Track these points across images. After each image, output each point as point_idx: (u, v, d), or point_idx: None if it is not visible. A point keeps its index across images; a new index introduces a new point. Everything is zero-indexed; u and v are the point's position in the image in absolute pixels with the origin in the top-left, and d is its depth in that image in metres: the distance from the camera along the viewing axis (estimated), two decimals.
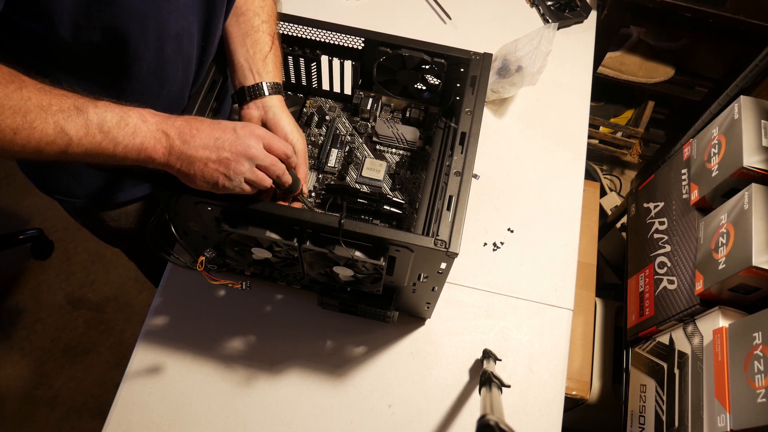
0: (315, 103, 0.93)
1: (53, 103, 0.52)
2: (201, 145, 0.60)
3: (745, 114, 0.91)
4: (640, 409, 0.99)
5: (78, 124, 0.54)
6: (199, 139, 0.60)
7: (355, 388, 0.82)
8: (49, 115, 0.52)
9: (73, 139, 0.53)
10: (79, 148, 0.54)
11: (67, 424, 1.53)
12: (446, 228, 0.64)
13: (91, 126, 0.54)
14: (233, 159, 0.61)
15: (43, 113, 0.52)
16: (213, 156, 0.61)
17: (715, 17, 1.21)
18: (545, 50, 1.04)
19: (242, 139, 0.62)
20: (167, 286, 0.87)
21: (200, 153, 0.60)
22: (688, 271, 0.94)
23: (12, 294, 1.70)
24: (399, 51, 0.81)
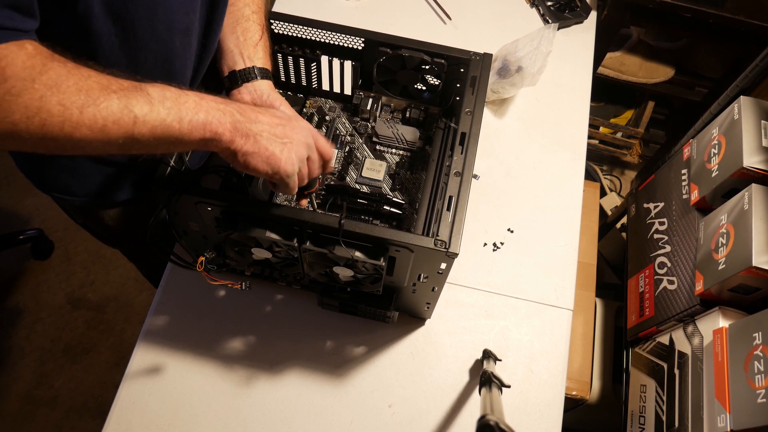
0: (315, 103, 0.93)
1: (111, 81, 0.50)
2: (267, 123, 0.59)
3: (745, 114, 0.91)
4: (640, 410, 0.99)
5: (140, 100, 0.51)
6: (263, 118, 0.59)
7: (355, 388, 0.82)
8: (111, 92, 0.50)
9: (138, 116, 0.51)
10: (145, 126, 0.51)
11: (67, 424, 1.53)
12: (446, 228, 0.64)
13: (153, 102, 0.52)
14: (296, 143, 0.60)
15: (105, 90, 0.49)
16: (280, 135, 0.59)
17: (715, 17, 1.21)
18: (545, 51, 1.04)
19: (302, 128, 0.61)
20: (167, 286, 0.87)
21: (266, 131, 0.58)
22: (688, 272, 0.94)
23: (12, 294, 1.70)
24: (399, 51, 0.81)
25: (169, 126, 0.52)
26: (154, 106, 0.51)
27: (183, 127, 0.53)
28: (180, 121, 0.53)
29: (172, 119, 0.52)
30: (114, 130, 0.50)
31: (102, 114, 0.49)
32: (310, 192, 0.72)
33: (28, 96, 0.45)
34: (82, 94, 0.48)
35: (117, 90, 0.50)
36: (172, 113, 0.52)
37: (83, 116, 0.48)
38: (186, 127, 0.54)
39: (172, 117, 0.52)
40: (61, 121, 0.47)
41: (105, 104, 0.49)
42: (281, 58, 0.87)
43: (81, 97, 0.48)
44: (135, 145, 0.52)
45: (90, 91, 0.48)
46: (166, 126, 0.52)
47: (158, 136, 0.53)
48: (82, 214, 0.91)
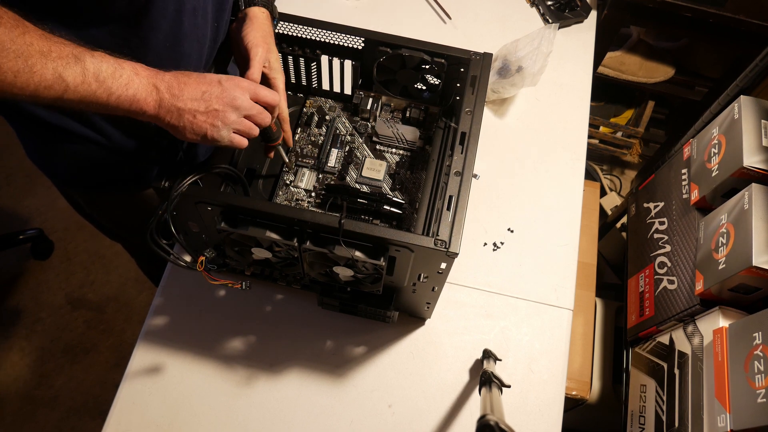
0: (315, 103, 0.93)
1: (53, 49, 0.53)
2: (189, 98, 0.62)
3: (745, 114, 0.91)
4: (640, 409, 0.99)
5: (75, 72, 0.54)
6: (187, 92, 0.62)
7: (355, 388, 0.82)
8: (49, 61, 0.53)
9: (69, 86, 0.54)
10: (75, 95, 0.55)
11: (67, 424, 1.53)
12: (446, 228, 0.64)
13: (87, 74, 0.55)
14: (221, 110, 0.63)
15: (43, 59, 0.52)
16: (201, 108, 0.62)
17: (715, 17, 1.21)
18: (546, 51, 1.04)
19: (228, 91, 0.64)
20: (167, 286, 0.87)
21: (189, 105, 0.62)
22: (688, 271, 0.94)
23: (12, 294, 1.70)
24: (399, 51, 0.81)
25: (98, 97, 0.57)
26: (86, 78, 0.55)
27: (111, 100, 0.57)
28: (109, 95, 0.57)
29: (101, 92, 0.56)
30: (44, 93, 0.54)
31: (35, 80, 0.52)
32: (274, 144, 0.75)
33: None
34: (20, 60, 0.51)
35: (55, 59, 0.53)
36: (103, 87, 0.56)
37: (17, 80, 0.51)
38: (114, 101, 0.58)
39: (102, 90, 0.56)
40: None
41: (40, 72, 0.52)
42: (281, 58, 0.87)
43: (19, 62, 0.51)
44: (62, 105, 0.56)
45: (28, 58, 0.51)
46: (95, 97, 0.56)
47: (87, 103, 0.57)
48: (89, 202, 0.91)
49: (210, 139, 0.64)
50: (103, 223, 1.02)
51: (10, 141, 1.91)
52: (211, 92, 0.63)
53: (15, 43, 0.51)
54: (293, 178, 0.85)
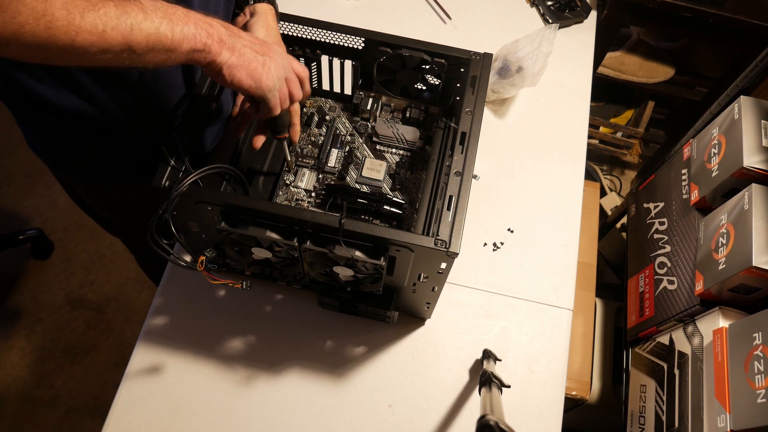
0: (315, 103, 0.93)
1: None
2: (249, 40, 0.62)
3: (745, 114, 0.91)
4: (640, 410, 0.99)
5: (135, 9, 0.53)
6: (245, 34, 0.63)
7: (355, 388, 0.82)
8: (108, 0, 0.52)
9: (133, 24, 0.53)
10: (141, 34, 0.53)
11: (67, 424, 1.53)
12: (446, 228, 0.64)
13: (147, 11, 0.54)
14: (275, 61, 0.64)
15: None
16: (260, 50, 0.63)
17: (715, 17, 1.21)
18: (546, 51, 1.04)
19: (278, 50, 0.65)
20: (167, 286, 0.87)
21: (248, 47, 0.62)
22: (688, 272, 0.94)
23: (12, 294, 1.70)
24: (399, 51, 0.81)
25: (162, 35, 0.55)
26: (147, 15, 0.54)
27: (175, 36, 0.56)
28: (172, 30, 0.55)
29: (164, 29, 0.55)
30: (113, 36, 0.52)
31: (102, 20, 0.51)
32: (281, 137, 0.75)
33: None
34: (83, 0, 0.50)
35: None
36: (164, 23, 0.55)
37: (84, 21, 0.50)
38: (178, 37, 0.56)
39: (164, 27, 0.55)
40: (66, 24, 0.49)
41: (103, 10, 0.51)
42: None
43: (82, 2, 0.50)
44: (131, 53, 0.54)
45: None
46: (160, 35, 0.55)
47: (152, 45, 0.55)
48: (90, 192, 0.91)
49: (264, 87, 0.63)
50: (103, 215, 1.01)
51: (10, 141, 1.91)
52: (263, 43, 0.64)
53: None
54: (293, 178, 0.85)
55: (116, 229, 1.08)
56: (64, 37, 0.49)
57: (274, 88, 0.65)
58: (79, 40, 0.50)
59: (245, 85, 0.63)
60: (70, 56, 0.52)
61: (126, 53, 0.54)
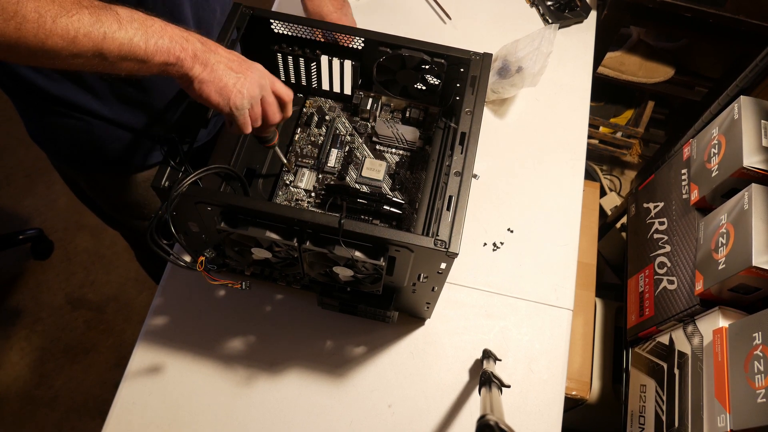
0: (315, 103, 0.93)
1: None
2: (225, 57, 0.62)
3: (745, 114, 0.91)
4: (640, 409, 0.99)
5: (110, 18, 0.53)
6: (221, 52, 0.62)
7: (355, 388, 0.82)
8: (83, 7, 0.52)
9: (107, 32, 0.53)
10: (113, 43, 0.54)
11: (67, 424, 1.53)
12: (446, 228, 0.64)
13: (122, 21, 0.54)
14: (249, 80, 0.63)
15: (77, 5, 0.51)
16: (234, 67, 0.62)
17: (715, 17, 1.21)
18: (546, 51, 1.04)
19: (256, 69, 0.64)
20: (167, 286, 0.87)
21: (223, 61, 0.62)
22: (688, 271, 0.94)
23: (12, 294, 1.70)
24: (399, 51, 0.81)
25: (136, 45, 0.55)
26: (122, 25, 0.54)
27: (148, 48, 0.56)
28: (146, 42, 0.56)
29: (138, 39, 0.55)
30: (84, 42, 0.52)
31: (74, 25, 0.51)
32: (270, 145, 0.75)
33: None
34: (56, 5, 0.50)
35: (88, 6, 0.52)
36: (138, 34, 0.55)
37: (56, 25, 0.50)
38: (151, 49, 0.56)
39: (138, 37, 0.55)
40: (36, 27, 0.49)
41: (77, 17, 0.51)
42: (281, 58, 0.87)
43: (55, 6, 0.50)
44: (102, 60, 0.55)
45: (63, 3, 0.51)
46: (133, 45, 0.55)
47: (124, 55, 0.55)
48: (91, 184, 0.91)
49: (231, 105, 0.63)
50: (104, 207, 1.01)
51: (10, 141, 1.91)
52: (242, 61, 0.63)
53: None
54: (293, 178, 0.85)
55: (116, 222, 1.08)
56: (33, 39, 0.49)
57: (242, 107, 0.64)
58: (49, 43, 0.50)
59: (213, 101, 0.62)
60: (41, 58, 0.52)
61: (97, 60, 0.54)
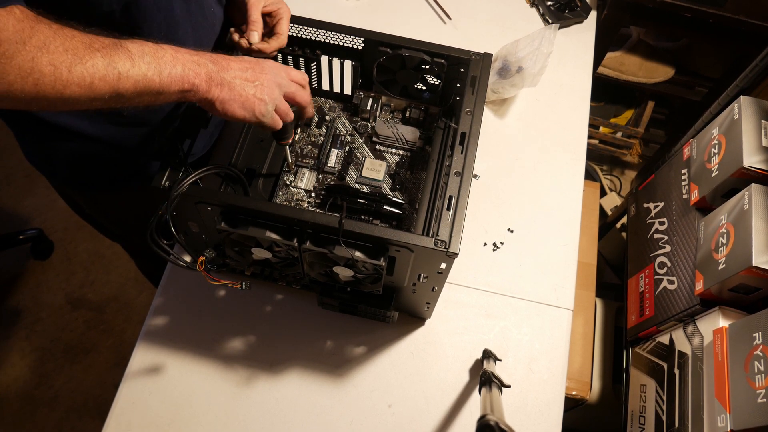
0: (315, 103, 0.93)
1: (93, 40, 0.53)
2: (237, 69, 0.63)
3: (745, 114, 0.91)
4: (640, 409, 0.99)
5: (122, 56, 0.54)
6: (233, 66, 0.63)
7: (355, 388, 0.82)
8: (95, 51, 0.52)
9: (121, 72, 0.53)
10: (128, 81, 0.54)
11: (67, 424, 1.53)
12: (446, 228, 0.64)
13: (134, 58, 0.55)
14: (267, 84, 0.64)
15: (89, 49, 0.52)
16: (249, 78, 0.63)
17: (715, 17, 1.21)
18: (546, 51, 1.04)
19: (270, 67, 0.65)
20: (167, 286, 0.87)
21: (238, 76, 0.63)
22: (688, 271, 0.94)
23: (12, 294, 1.70)
24: (399, 51, 0.81)
25: (150, 80, 0.56)
26: (135, 62, 0.54)
27: (163, 80, 0.57)
28: (160, 74, 0.56)
29: (152, 73, 0.56)
30: (100, 86, 0.53)
31: (89, 72, 0.51)
32: (285, 143, 0.76)
33: (20, 58, 0.48)
34: (69, 54, 0.51)
35: (100, 48, 0.53)
36: (152, 68, 0.56)
37: (72, 75, 0.51)
38: (165, 80, 0.57)
39: (152, 71, 0.56)
40: (53, 80, 0.50)
41: (91, 62, 0.52)
42: (281, 58, 0.87)
43: (68, 56, 0.50)
44: (120, 99, 0.55)
45: (76, 51, 0.51)
46: (148, 80, 0.56)
47: (140, 90, 0.56)
48: (89, 202, 0.91)
49: (257, 114, 0.64)
50: (103, 223, 1.02)
51: (10, 141, 1.91)
52: (254, 67, 0.64)
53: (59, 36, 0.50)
54: (293, 178, 0.85)
55: (116, 235, 1.08)
56: (52, 91, 0.50)
57: (268, 113, 0.65)
58: (67, 93, 0.51)
59: (239, 117, 0.63)
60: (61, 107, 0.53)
61: (114, 100, 0.55)
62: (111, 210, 0.94)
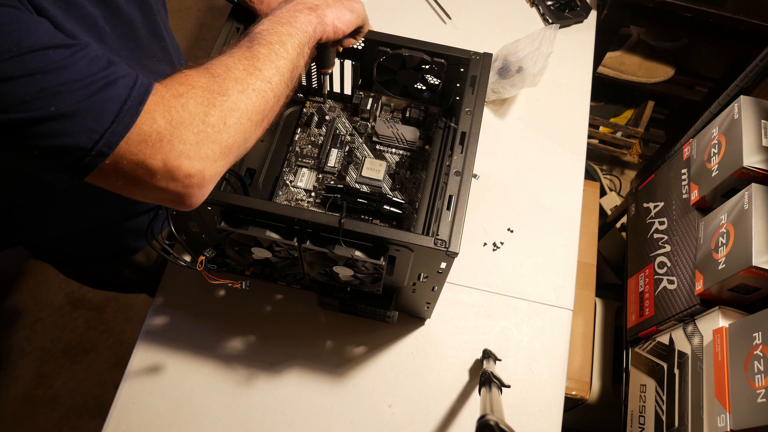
0: (315, 103, 0.93)
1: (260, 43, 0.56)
2: None
3: (745, 114, 0.91)
4: (640, 409, 0.99)
5: (272, 39, 0.56)
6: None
7: (355, 388, 0.82)
8: (282, 49, 0.56)
9: (290, 54, 0.57)
10: (294, 51, 0.57)
11: (67, 424, 1.53)
12: (446, 228, 0.64)
13: (278, 33, 0.57)
14: None
15: (280, 48, 0.56)
16: None
17: (715, 17, 1.21)
18: (546, 51, 1.04)
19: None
20: (167, 286, 0.87)
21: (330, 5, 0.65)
22: (688, 271, 0.94)
23: (12, 294, 1.70)
24: (399, 51, 0.81)
25: (299, 39, 0.59)
26: (280, 37, 0.57)
27: (299, 32, 0.59)
28: (296, 29, 0.59)
29: (295, 34, 0.59)
30: (300, 68, 0.59)
31: (276, 66, 0.55)
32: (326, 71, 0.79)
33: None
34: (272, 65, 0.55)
35: (273, 42, 0.56)
36: (290, 30, 0.58)
37: (293, 74, 0.58)
38: (301, 30, 0.59)
39: (294, 33, 0.59)
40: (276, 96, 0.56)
41: (274, 59, 0.56)
42: None
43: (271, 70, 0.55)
44: (296, 72, 0.59)
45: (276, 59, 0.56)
46: (298, 41, 0.59)
47: (299, 52, 0.59)
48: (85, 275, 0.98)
49: (360, 11, 0.68)
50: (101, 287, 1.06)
51: None
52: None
53: (239, 63, 0.53)
54: (293, 178, 0.85)
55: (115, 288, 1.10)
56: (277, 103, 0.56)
57: (363, 7, 0.69)
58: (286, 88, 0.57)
59: (355, 22, 0.67)
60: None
61: (296, 71, 0.58)
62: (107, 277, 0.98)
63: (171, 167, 0.45)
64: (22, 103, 0.41)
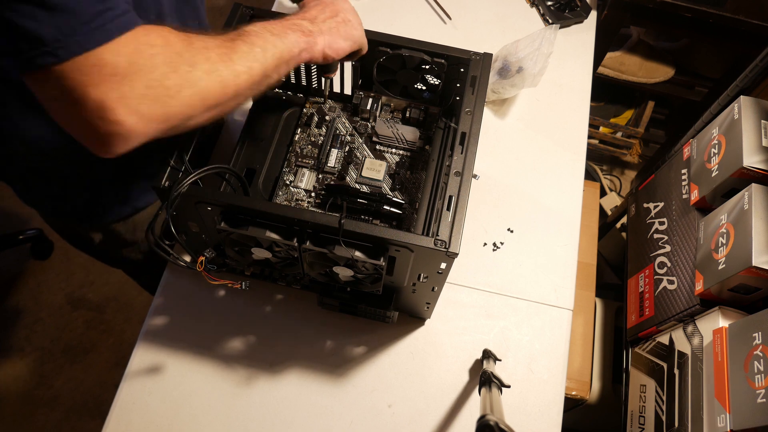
0: (315, 103, 0.93)
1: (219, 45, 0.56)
2: (319, 13, 0.68)
3: (745, 114, 0.91)
4: (639, 409, 0.99)
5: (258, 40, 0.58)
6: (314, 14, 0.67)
7: (355, 388, 0.82)
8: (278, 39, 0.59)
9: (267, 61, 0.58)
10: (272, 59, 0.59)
11: (67, 424, 1.53)
12: (446, 228, 0.64)
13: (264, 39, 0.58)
14: (344, 10, 0.70)
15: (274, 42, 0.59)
16: (333, 13, 0.69)
17: (715, 17, 1.21)
18: (546, 52, 1.04)
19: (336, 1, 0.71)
20: (167, 286, 0.87)
21: (327, 20, 0.67)
22: (688, 271, 0.94)
23: (12, 294, 1.70)
24: (399, 51, 0.81)
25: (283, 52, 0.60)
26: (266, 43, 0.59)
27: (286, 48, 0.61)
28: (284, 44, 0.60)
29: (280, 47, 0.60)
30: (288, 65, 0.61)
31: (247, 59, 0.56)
32: (329, 76, 0.81)
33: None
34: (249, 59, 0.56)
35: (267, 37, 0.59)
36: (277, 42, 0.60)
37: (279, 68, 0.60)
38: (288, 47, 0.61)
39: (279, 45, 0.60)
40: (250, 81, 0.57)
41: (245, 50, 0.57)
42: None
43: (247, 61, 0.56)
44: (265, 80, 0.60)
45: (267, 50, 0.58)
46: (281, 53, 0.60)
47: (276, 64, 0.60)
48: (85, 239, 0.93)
49: (358, 38, 0.70)
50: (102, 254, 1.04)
51: None
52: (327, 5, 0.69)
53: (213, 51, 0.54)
54: (293, 178, 0.85)
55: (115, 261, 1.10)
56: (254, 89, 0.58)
57: (363, 33, 0.72)
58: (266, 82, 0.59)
59: (348, 49, 0.69)
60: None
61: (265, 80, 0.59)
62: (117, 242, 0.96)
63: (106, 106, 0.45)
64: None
